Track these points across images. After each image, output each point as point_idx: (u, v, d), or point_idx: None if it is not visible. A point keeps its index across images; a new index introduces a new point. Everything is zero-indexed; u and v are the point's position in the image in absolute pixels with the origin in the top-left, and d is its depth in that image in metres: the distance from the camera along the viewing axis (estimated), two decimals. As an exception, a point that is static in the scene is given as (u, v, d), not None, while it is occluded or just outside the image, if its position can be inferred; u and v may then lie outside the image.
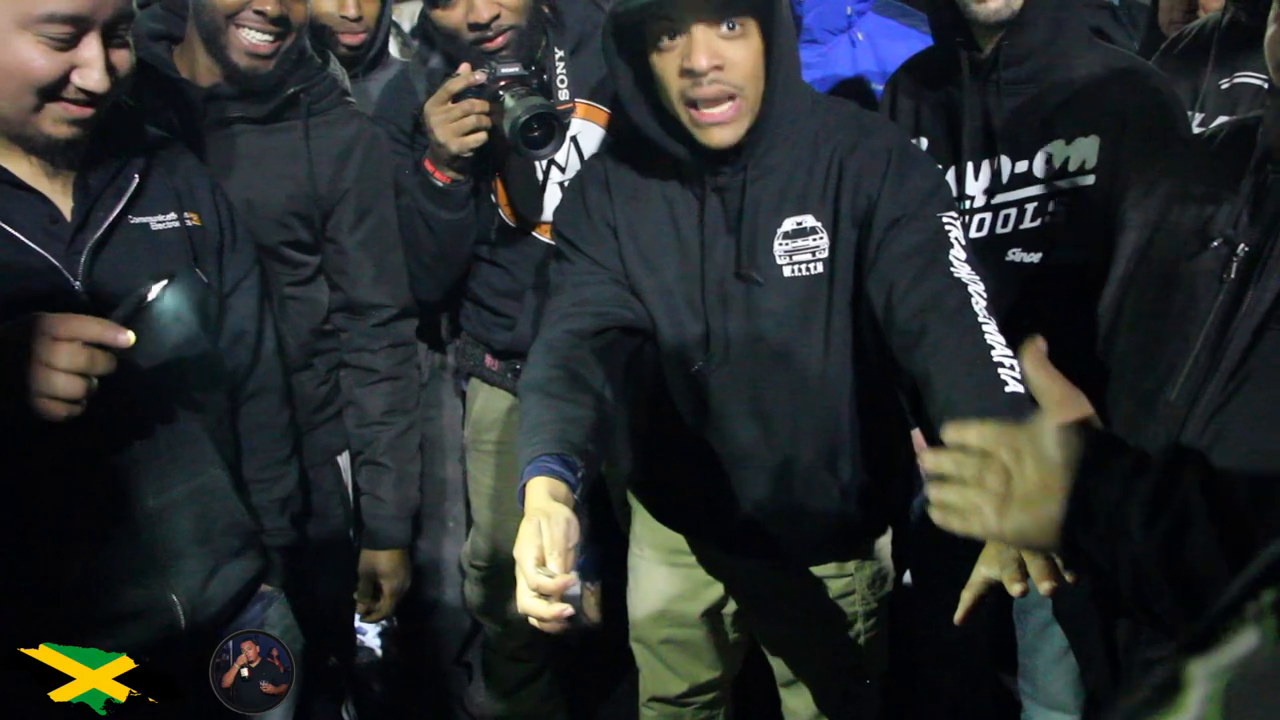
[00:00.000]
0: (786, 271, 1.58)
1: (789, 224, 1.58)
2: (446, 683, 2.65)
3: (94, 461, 1.41)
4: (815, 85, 1.82)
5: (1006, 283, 1.83)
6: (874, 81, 2.31)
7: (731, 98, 1.48)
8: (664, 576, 1.91)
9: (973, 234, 1.85)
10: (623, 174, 1.67)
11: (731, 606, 1.91)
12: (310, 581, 1.87)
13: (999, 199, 1.84)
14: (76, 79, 1.29)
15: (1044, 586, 1.05)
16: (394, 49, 2.69)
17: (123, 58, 1.34)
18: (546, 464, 1.34)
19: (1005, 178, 1.82)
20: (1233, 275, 1.26)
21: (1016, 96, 1.79)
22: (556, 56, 1.98)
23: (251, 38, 1.75)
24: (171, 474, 1.48)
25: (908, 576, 2.28)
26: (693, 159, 1.57)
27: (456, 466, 2.53)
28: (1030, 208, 1.82)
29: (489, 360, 2.22)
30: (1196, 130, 1.92)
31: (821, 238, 1.57)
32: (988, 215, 1.85)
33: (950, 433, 1.05)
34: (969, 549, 2.06)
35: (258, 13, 1.73)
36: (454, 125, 1.81)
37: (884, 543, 1.87)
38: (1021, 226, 1.83)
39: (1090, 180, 1.74)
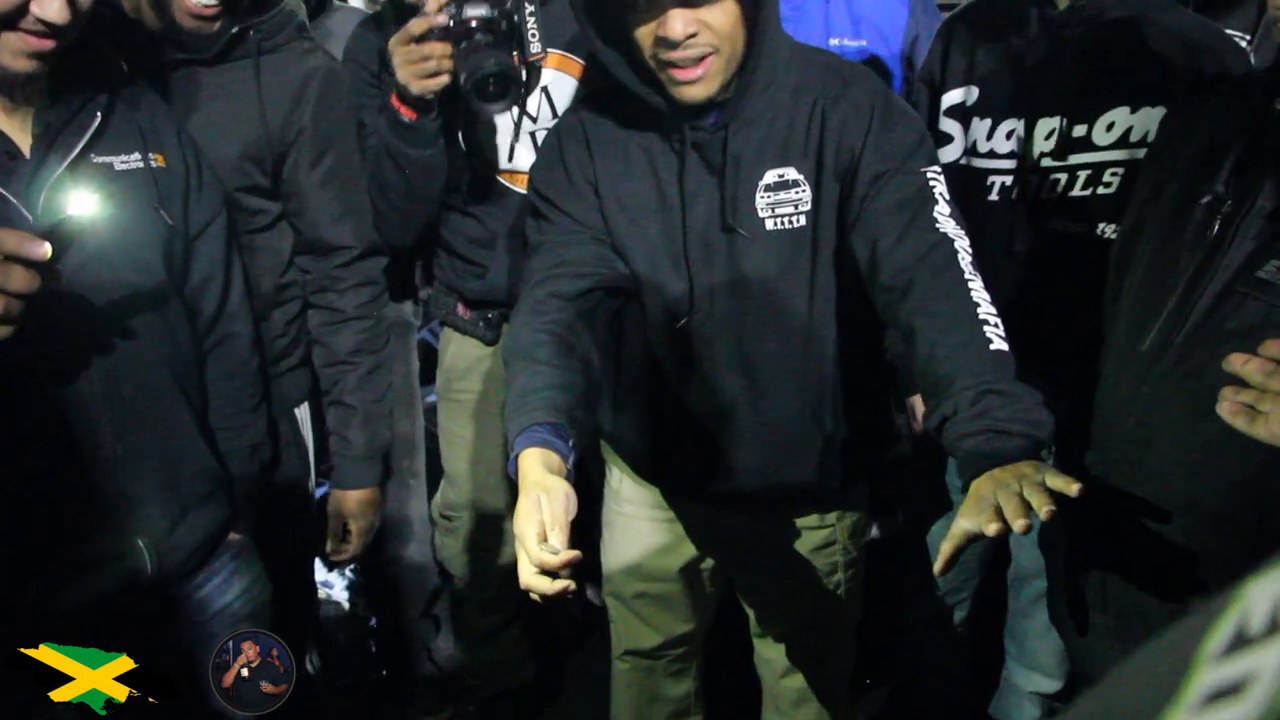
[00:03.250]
0: (769, 225, 1.56)
1: (770, 176, 1.56)
2: (414, 635, 2.65)
3: (51, 403, 1.38)
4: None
5: (1042, 251, 1.81)
6: (845, 38, 2.28)
7: (706, 56, 1.45)
8: (641, 531, 1.91)
9: (1014, 195, 1.82)
10: (602, 130, 1.63)
11: (709, 560, 1.91)
12: (278, 531, 1.86)
13: (1050, 162, 1.79)
14: (35, 9, 1.24)
15: (1018, 524, 1.07)
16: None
17: None
18: (539, 434, 1.32)
19: (1061, 140, 1.77)
20: (1214, 232, 1.27)
21: (1084, 54, 1.74)
22: (528, 10, 1.94)
23: (197, 0, 1.69)
24: (135, 417, 1.45)
25: (877, 530, 2.30)
26: (672, 111, 1.54)
27: (415, 421, 2.52)
28: (1082, 175, 1.77)
29: (461, 309, 2.20)
30: None
31: (804, 190, 1.55)
32: (1035, 177, 1.81)
33: (1269, 347, 1.11)
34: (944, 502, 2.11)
35: None
36: (414, 67, 1.76)
37: (863, 490, 1.87)
38: (1070, 194, 1.80)
39: None
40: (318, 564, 2.86)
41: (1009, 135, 1.82)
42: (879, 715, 2.54)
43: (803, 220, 1.56)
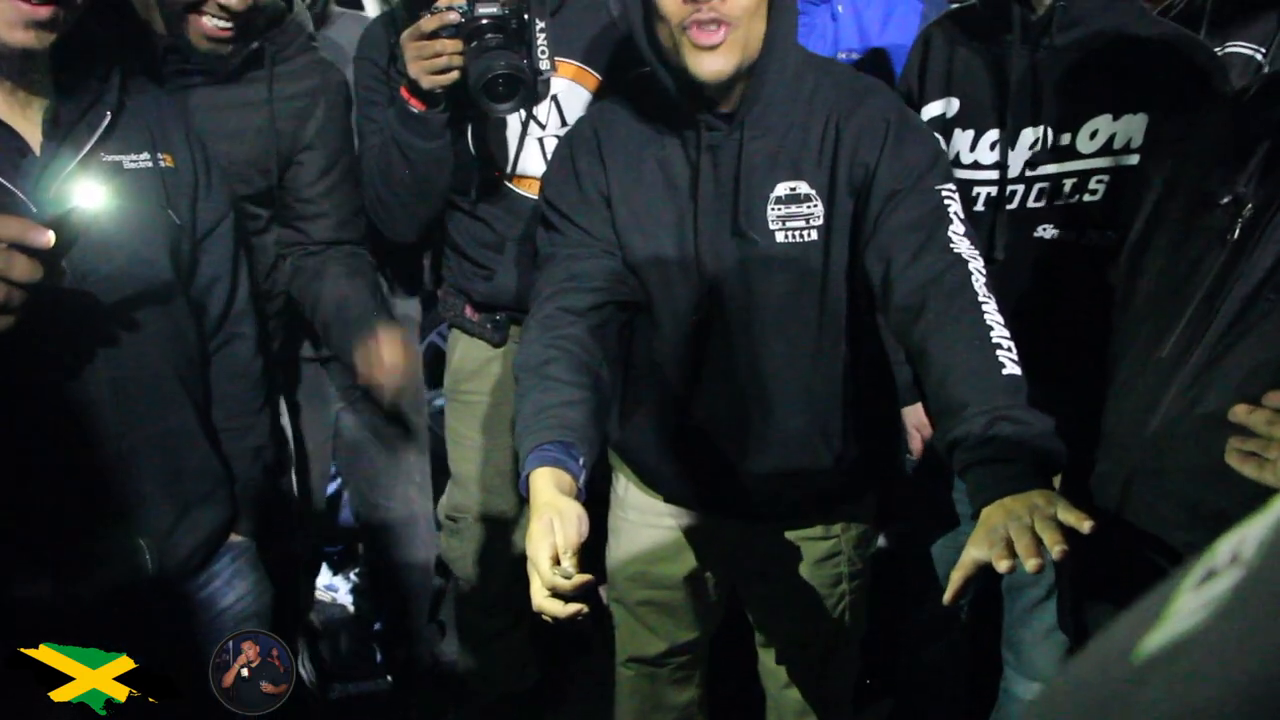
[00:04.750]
0: (779, 237, 1.56)
1: (782, 189, 1.55)
2: (418, 637, 2.65)
3: (57, 399, 1.38)
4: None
5: (1030, 259, 1.79)
6: (854, 52, 2.26)
7: (726, 24, 1.44)
8: (646, 538, 1.90)
9: (1001, 205, 1.81)
10: (615, 140, 1.63)
11: (715, 569, 1.90)
12: (283, 533, 1.86)
13: (1035, 171, 1.78)
14: None
15: (1030, 563, 1.07)
16: (372, 4, 2.66)
17: None
18: (550, 453, 1.33)
19: (1045, 149, 1.76)
20: (1236, 235, 1.26)
21: (1066, 63, 1.72)
22: (538, 26, 1.94)
23: (213, 23, 1.70)
24: (139, 416, 1.46)
25: (882, 540, 2.29)
26: (683, 98, 1.54)
27: (421, 421, 2.52)
28: (1068, 183, 1.76)
29: (469, 311, 2.20)
30: None
31: (816, 205, 1.54)
32: (1020, 187, 1.80)
33: (1271, 398, 1.13)
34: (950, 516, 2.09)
35: (221, 7, 1.68)
36: (425, 63, 1.77)
37: (870, 503, 1.87)
38: (1056, 203, 1.78)
39: (1135, 160, 1.69)
40: (323, 567, 2.87)
41: (992, 146, 1.81)
42: (882, 726, 2.52)
43: (814, 235, 1.55)
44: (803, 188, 1.54)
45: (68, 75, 1.38)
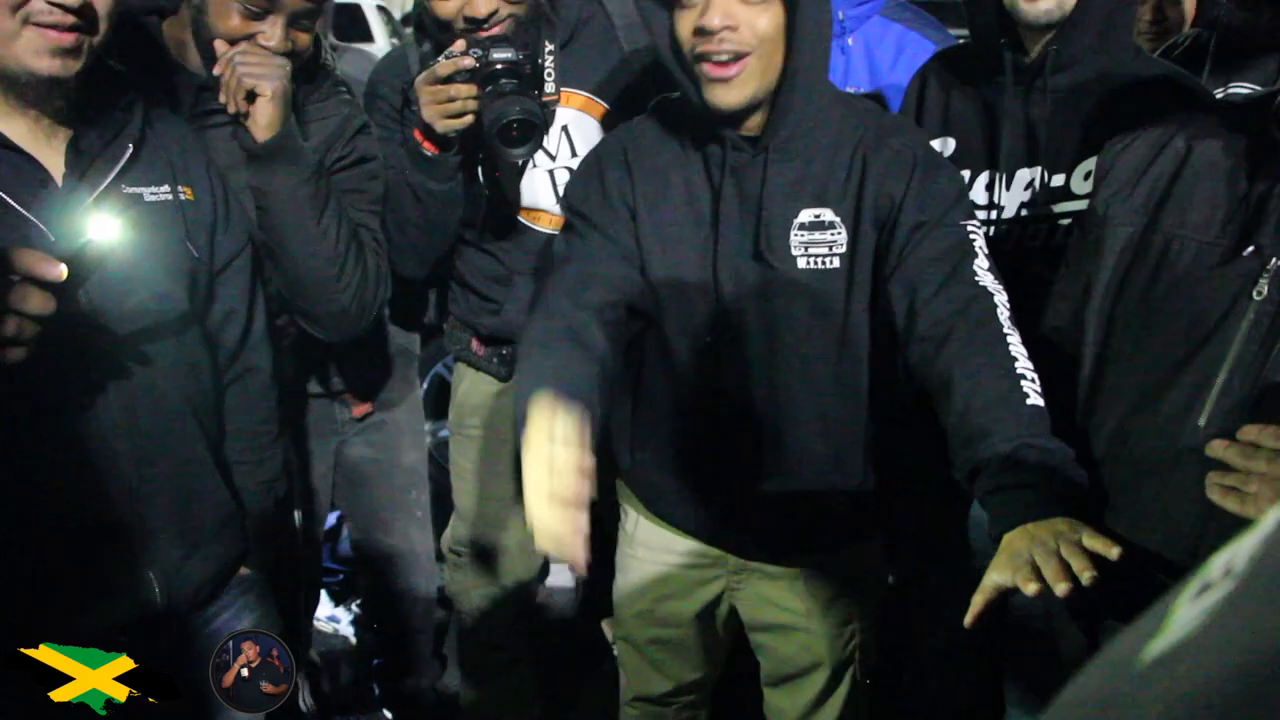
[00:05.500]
0: (800, 263, 1.56)
1: (805, 215, 1.55)
2: (419, 671, 2.63)
3: (73, 431, 1.38)
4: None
5: (1022, 298, 1.81)
6: (863, 88, 2.28)
7: (740, 58, 1.45)
8: (655, 575, 1.88)
9: (997, 246, 1.80)
10: (642, 155, 1.64)
11: (723, 607, 1.89)
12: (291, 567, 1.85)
13: (1031, 212, 1.78)
14: None
15: (1060, 588, 1.07)
16: (381, 36, 2.66)
17: None
18: (550, 390, 1.30)
19: (1041, 190, 1.76)
20: (1266, 292, 1.25)
21: (1060, 105, 1.73)
22: (546, 49, 1.96)
23: None
24: (153, 447, 1.45)
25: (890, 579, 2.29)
26: (710, 122, 1.55)
27: (421, 454, 2.52)
28: (1064, 225, 1.77)
29: (475, 345, 2.20)
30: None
31: (839, 234, 1.55)
32: (1016, 227, 1.81)
33: (1245, 432, 1.15)
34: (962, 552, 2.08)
35: (261, 48, 1.68)
36: (440, 108, 1.79)
37: (879, 543, 1.86)
38: (1052, 243, 1.78)
39: None
40: (324, 597, 2.85)
41: (987, 187, 1.82)
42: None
43: (836, 263, 1.56)
44: (827, 215, 1.55)
45: (91, 106, 1.38)
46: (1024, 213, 1.79)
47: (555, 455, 1.21)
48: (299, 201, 1.70)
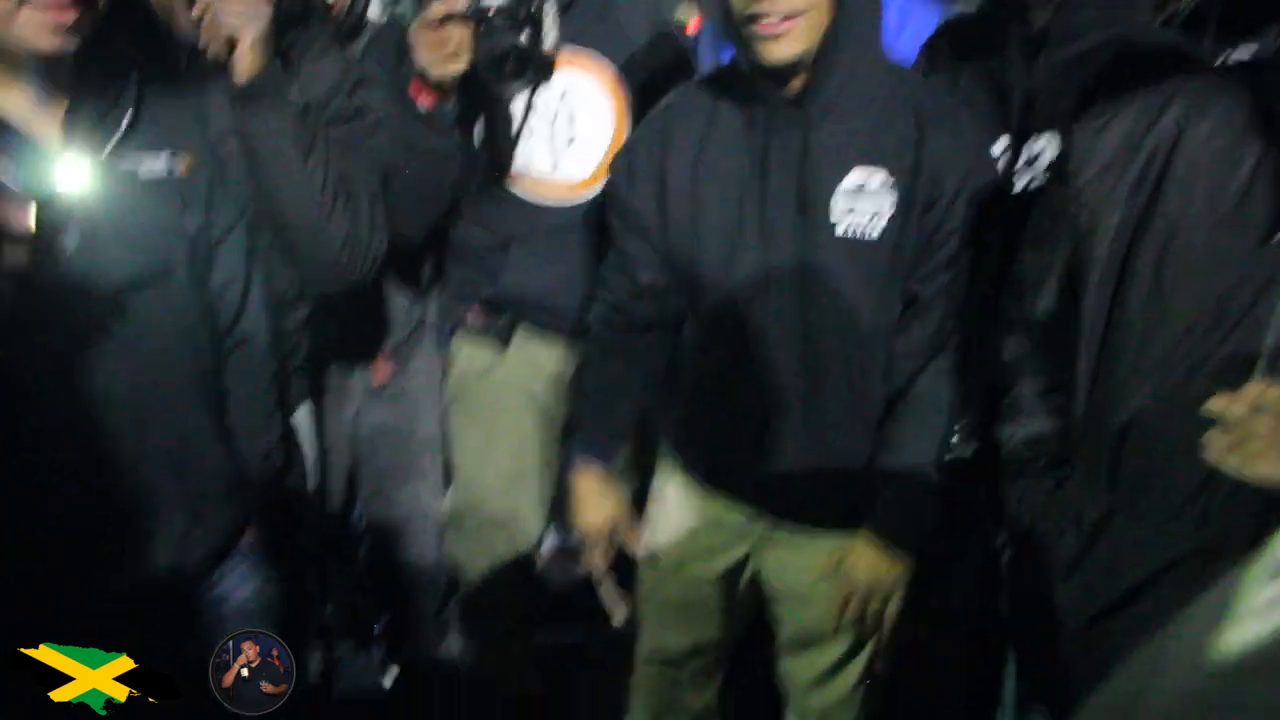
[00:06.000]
0: (839, 230, 1.57)
1: (849, 182, 1.56)
2: (420, 637, 2.65)
3: (71, 401, 1.39)
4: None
5: None
6: None
7: (790, 17, 1.46)
8: (682, 534, 1.89)
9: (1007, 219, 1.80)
10: (684, 124, 1.67)
11: (748, 571, 1.90)
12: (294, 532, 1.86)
13: (1041, 184, 1.75)
14: None
15: None
16: (374, 10, 2.63)
17: None
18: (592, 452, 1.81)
19: (1048, 164, 1.74)
20: None
21: (1065, 78, 1.70)
22: (546, 9, 1.94)
23: None
24: (155, 419, 1.46)
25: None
26: (755, 83, 1.56)
27: (436, 422, 2.51)
28: None
29: (471, 315, 2.21)
30: None
31: (883, 202, 1.56)
32: (1025, 200, 1.76)
33: (1248, 391, 1.13)
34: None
35: None
36: (435, 51, 1.77)
37: None
38: None
39: None
40: (329, 564, 2.85)
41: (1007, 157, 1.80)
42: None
43: (875, 234, 1.57)
44: (877, 179, 1.56)
45: (88, 78, 1.38)
46: (1033, 185, 1.79)
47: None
48: (284, 143, 1.68)
